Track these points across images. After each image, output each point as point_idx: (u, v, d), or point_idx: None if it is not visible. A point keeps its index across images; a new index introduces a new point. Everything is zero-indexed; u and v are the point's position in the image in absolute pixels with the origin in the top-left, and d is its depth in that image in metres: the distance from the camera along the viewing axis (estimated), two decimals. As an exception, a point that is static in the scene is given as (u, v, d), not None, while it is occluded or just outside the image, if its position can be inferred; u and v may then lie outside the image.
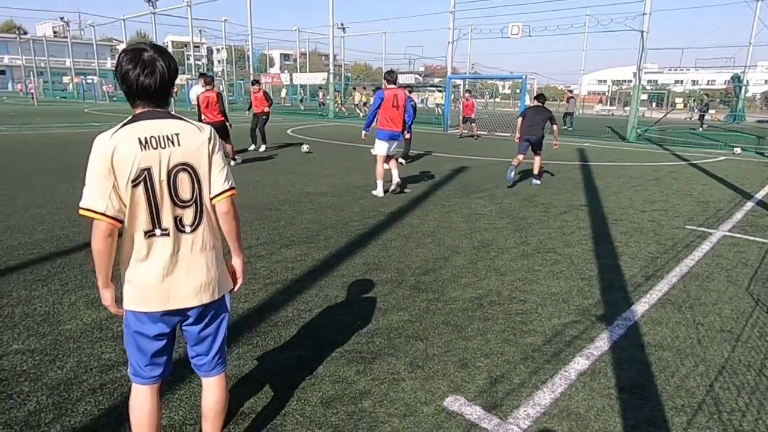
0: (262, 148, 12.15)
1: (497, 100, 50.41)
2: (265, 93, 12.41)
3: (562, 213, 6.56)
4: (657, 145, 16.47)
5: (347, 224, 5.76)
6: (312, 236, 5.23)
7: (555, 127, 8.55)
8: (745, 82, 31.24)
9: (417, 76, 26.14)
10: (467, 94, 18.19)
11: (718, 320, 3.50)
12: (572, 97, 24.14)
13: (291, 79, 28.95)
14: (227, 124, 9.53)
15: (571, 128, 21.17)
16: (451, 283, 4.04)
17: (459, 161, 11.25)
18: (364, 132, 7.70)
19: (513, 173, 8.23)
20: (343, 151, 12.58)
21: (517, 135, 8.54)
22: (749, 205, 7.42)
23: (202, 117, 9.21)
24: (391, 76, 7.54)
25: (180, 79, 39.80)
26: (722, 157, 13.40)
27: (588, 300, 3.78)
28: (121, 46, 47.83)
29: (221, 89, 29.81)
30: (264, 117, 12.23)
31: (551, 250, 4.97)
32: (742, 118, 31.43)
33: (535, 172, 8.71)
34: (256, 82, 12.79)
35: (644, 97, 42.53)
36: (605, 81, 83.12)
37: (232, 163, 9.70)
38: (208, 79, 9.57)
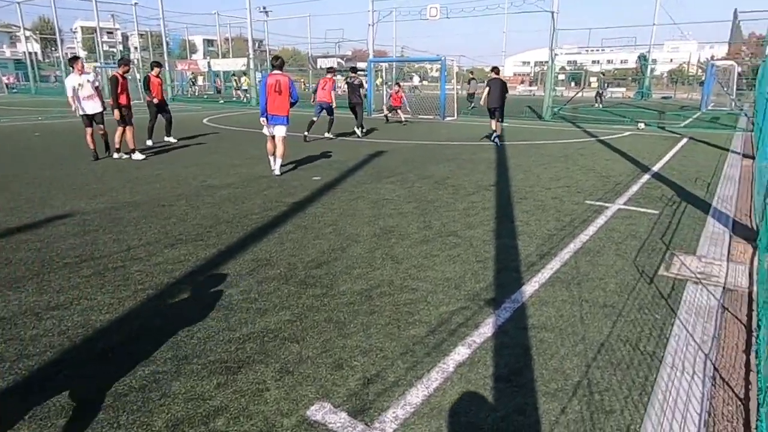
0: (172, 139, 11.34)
1: (425, 83, 50.83)
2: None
3: (470, 194, 6.54)
4: (570, 123, 17.13)
5: (245, 218, 5.42)
6: (203, 233, 4.84)
7: (506, 95, 11.73)
8: (650, 61, 33.28)
9: (339, 60, 25.62)
10: (396, 87, 17.99)
11: (602, 295, 3.53)
12: (473, 79, 24.91)
13: (209, 66, 27.48)
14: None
15: (474, 107, 21.53)
16: (343, 276, 3.84)
17: (377, 145, 11.08)
18: (261, 118, 7.78)
19: (494, 136, 11.46)
20: (258, 139, 12.04)
21: (482, 102, 11.91)
22: (645, 177, 7.78)
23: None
24: (276, 62, 7.99)
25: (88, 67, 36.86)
26: (627, 133, 14.12)
27: (480, 284, 3.70)
28: (23, 33, 43.68)
29: (137, 77, 27.88)
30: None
31: (452, 234, 4.89)
32: (648, 95, 33.56)
33: (498, 133, 11.53)
34: (157, 64, 11.24)
35: (562, 77, 44.40)
36: (529, 63, 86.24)
37: (134, 156, 8.95)
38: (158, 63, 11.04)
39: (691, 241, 4.71)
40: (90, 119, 8.75)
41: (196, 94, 32.12)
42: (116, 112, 8.83)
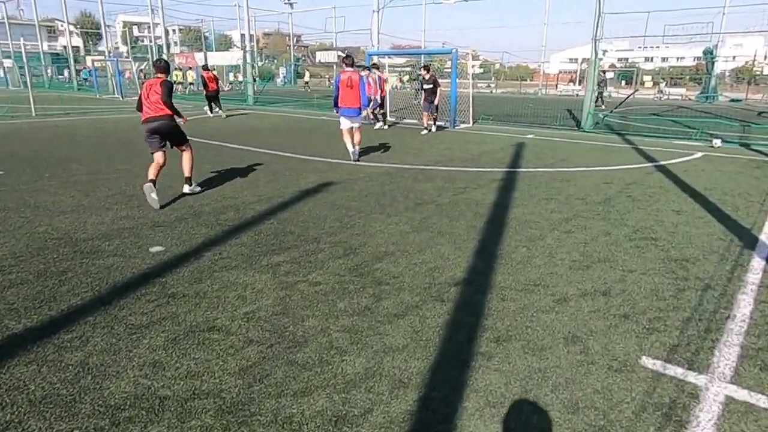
0: None
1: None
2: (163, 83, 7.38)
3: (399, 315, 3.16)
4: (617, 134, 13.25)
5: None
6: None
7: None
8: (717, 54, 28.34)
9: (340, 53, 22.34)
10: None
11: None
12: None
13: (205, 59, 24.83)
14: None
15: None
16: None
17: (335, 169, 7.77)
18: (335, 110, 8.67)
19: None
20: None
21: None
22: (757, 262, 4.16)
23: None
24: (348, 60, 8.79)
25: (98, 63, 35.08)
26: (699, 153, 10.20)
27: None
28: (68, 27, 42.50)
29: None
30: None
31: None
32: (715, 98, 28.64)
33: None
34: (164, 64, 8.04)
35: (611, 75, 39.58)
36: (577, 60, 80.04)
37: None
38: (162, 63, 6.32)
39: None
40: None
41: (186, 92, 28.65)
42: None
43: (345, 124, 8.56)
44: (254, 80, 22.40)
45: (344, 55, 9.33)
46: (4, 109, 17.68)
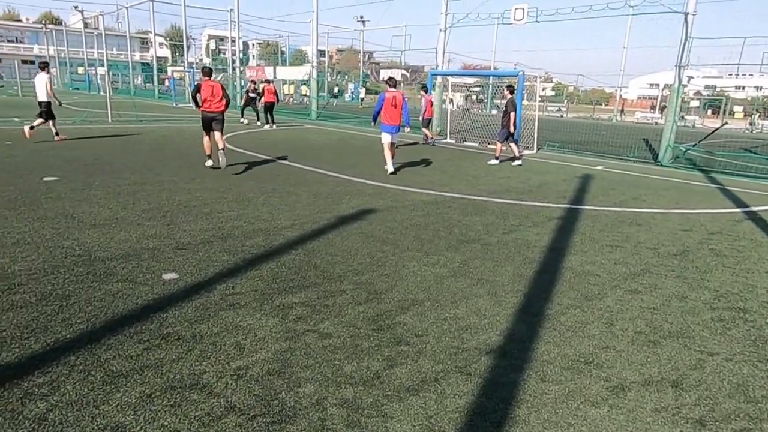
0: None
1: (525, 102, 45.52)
2: (223, 89, 9.02)
3: (431, 381, 2.64)
4: (701, 171, 11.97)
5: None
6: None
7: None
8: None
9: (404, 71, 22.10)
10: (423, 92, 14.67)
11: None
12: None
13: (275, 73, 25.50)
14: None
15: (421, 142, 15.35)
16: None
17: (379, 193, 7.35)
18: (373, 123, 9.93)
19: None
20: (199, 175, 8.86)
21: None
22: None
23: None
24: (391, 82, 9.78)
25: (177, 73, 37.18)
26: (799, 199, 8.89)
27: None
28: (156, 39, 45.92)
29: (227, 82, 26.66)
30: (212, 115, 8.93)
31: None
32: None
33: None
34: (209, 70, 9.16)
35: (695, 103, 36.84)
36: (658, 85, 75.38)
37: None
38: (207, 69, 9.24)
39: None
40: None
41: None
42: None
43: (386, 138, 9.31)
44: (319, 95, 22.68)
45: (387, 77, 10.24)
46: (84, 114, 18.85)
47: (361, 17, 48.05)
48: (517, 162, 11.55)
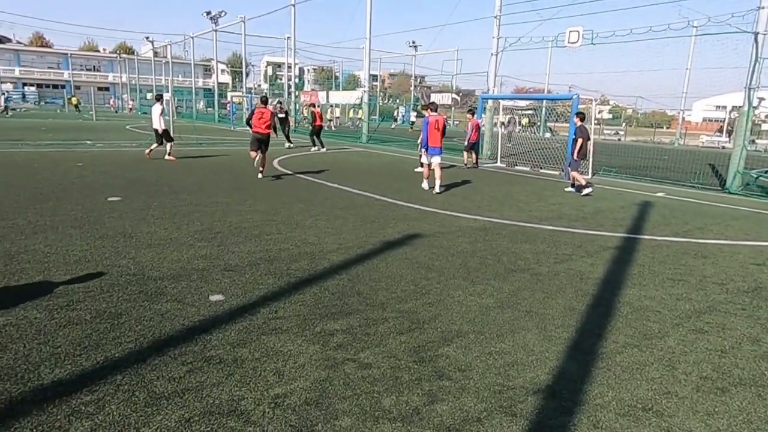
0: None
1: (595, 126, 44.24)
2: (272, 115, 11.40)
3: (473, 421, 2.54)
4: (775, 199, 11.13)
5: None
6: None
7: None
8: None
9: (455, 95, 22.05)
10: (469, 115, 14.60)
11: None
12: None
13: (327, 97, 26.17)
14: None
15: (467, 166, 14.98)
16: None
17: (425, 217, 7.27)
18: (422, 150, 10.12)
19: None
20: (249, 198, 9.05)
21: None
22: None
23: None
24: (433, 106, 10.19)
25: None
26: None
27: None
28: (218, 66, 48.95)
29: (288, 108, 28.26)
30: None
31: None
32: None
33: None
34: (265, 99, 11.70)
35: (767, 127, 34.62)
36: (725, 107, 71.27)
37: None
38: (264, 99, 11.42)
39: None
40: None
41: (332, 126, 31.38)
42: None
43: (429, 159, 9.92)
44: (370, 119, 23.04)
45: (428, 102, 11.03)
46: (150, 136, 19.96)
47: (413, 42, 48.71)
48: (586, 190, 10.41)
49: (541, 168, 14.81)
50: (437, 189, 9.71)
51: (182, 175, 10.70)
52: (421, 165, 10.66)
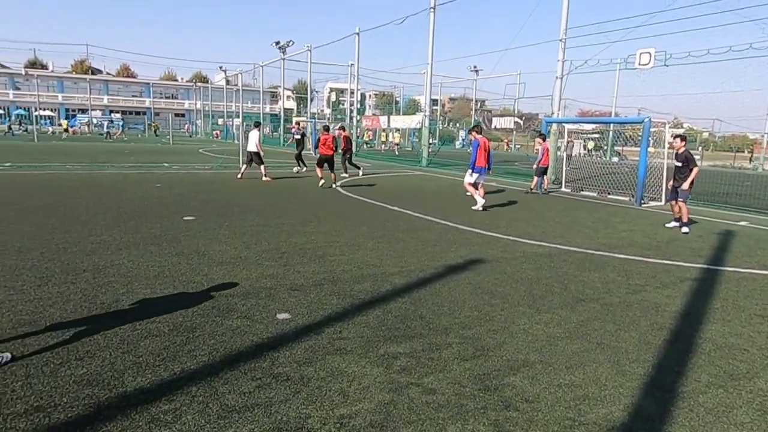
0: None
1: (652, 149, 42.22)
2: (334, 138, 13.82)
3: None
4: None
5: None
6: None
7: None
8: None
9: (517, 119, 21.69)
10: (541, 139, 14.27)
11: None
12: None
13: (388, 122, 26.63)
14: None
15: (540, 192, 14.35)
16: None
17: (487, 242, 7.16)
18: (470, 171, 10.64)
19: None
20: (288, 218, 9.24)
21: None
22: None
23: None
24: (478, 128, 11.15)
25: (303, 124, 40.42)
26: None
27: None
28: (284, 92, 51.77)
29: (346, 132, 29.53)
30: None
31: None
32: None
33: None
34: (327, 127, 15.11)
35: None
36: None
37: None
38: (326, 127, 14.67)
39: None
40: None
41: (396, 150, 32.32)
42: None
43: (475, 178, 10.60)
44: (430, 143, 23.16)
45: (474, 124, 12.31)
46: (220, 160, 21.09)
47: (475, 66, 48.89)
48: (685, 229, 9.11)
49: (608, 193, 14.24)
50: (479, 207, 10.35)
51: (250, 197, 11.19)
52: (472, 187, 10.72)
